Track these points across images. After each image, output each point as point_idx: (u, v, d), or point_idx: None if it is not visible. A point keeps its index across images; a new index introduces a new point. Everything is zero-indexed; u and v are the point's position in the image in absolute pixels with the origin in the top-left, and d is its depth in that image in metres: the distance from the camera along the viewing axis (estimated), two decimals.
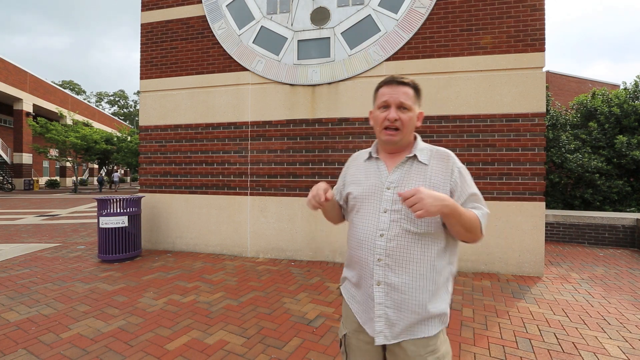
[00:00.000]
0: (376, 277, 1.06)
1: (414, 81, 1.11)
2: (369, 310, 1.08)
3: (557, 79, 17.85)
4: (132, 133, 26.52)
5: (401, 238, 1.04)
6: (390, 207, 1.07)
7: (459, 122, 4.28)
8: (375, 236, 1.07)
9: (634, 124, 7.07)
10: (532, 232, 4.07)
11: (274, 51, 4.83)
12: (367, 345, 1.12)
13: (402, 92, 1.07)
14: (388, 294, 1.05)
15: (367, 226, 1.10)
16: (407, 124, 1.08)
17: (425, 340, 1.05)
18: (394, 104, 1.07)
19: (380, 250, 1.05)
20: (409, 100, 1.07)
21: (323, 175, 4.69)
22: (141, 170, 5.48)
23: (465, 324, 2.76)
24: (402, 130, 1.08)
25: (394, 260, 1.04)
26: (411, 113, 1.08)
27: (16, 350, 2.31)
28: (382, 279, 1.05)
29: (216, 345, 2.41)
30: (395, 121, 1.07)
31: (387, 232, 1.06)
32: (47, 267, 4.29)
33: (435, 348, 1.05)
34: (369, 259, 1.08)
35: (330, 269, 4.32)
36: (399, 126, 1.07)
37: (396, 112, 1.07)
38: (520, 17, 4.12)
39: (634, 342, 2.47)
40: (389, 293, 1.05)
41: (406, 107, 1.07)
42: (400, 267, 1.04)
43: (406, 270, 1.04)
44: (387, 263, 1.05)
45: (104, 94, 63.90)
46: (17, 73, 23.24)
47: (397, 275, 1.04)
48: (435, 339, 1.06)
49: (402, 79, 1.09)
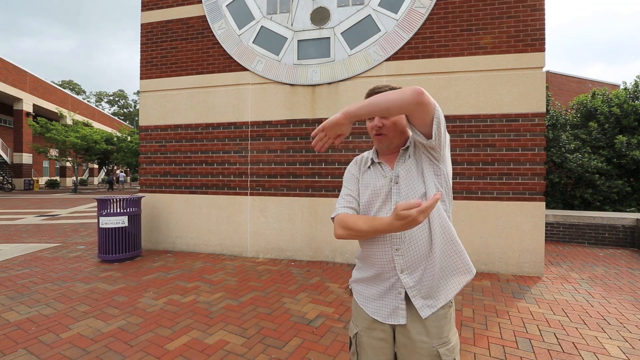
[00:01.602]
0: (399, 267, 1.10)
1: (394, 86, 1.15)
2: (394, 301, 1.12)
3: (557, 79, 17.85)
4: (132, 133, 26.52)
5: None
6: (399, 198, 1.13)
7: (459, 122, 4.28)
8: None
9: (634, 124, 7.07)
10: (532, 232, 4.07)
11: (274, 51, 4.83)
12: (380, 342, 1.15)
13: None
14: (415, 277, 1.10)
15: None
16: (391, 128, 1.16)
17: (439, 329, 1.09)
18: None
19: (396, 240, 1.10)
20: None
21: (323, 175, 4.69)
22: (141, 170, 5.48)
23: (465, 324, 2.76)
24: (389, 135, 1.17)
25: (411, 245, 1.09)
26: (394, 117, 1.15)
27: (16, 350, 2.31)
28: (404, 266, 1.10)
29: (216, 345, 2.41)
30: (380, 128, 1.16)
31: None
32: (47, 267, 4.29)
33: (448, 340, 1.10)
34: (387, 251, 1.12)
35: (330, 269, 4.32)
36: (385, 132, 1.17)
37: (379, 120, 1.15)
38: (520, 17, 4.12)
39: (634, 342, 2.47)
40: (416, 275, 1.10)
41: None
42: (418, 247, 1.09)
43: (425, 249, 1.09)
44: (405, 250, 1.09)
45: (103, 94, 63.86)
46: (17, 73, 23.23)
47: (418, 257, 1.10)
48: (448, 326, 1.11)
49: (379, 88, 1.15)
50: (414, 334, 1.09)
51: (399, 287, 1.11)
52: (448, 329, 1.12)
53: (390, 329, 1.15)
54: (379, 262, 1.14)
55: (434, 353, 1.07)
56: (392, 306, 1.13)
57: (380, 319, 1.14)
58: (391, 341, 1.15)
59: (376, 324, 1.15)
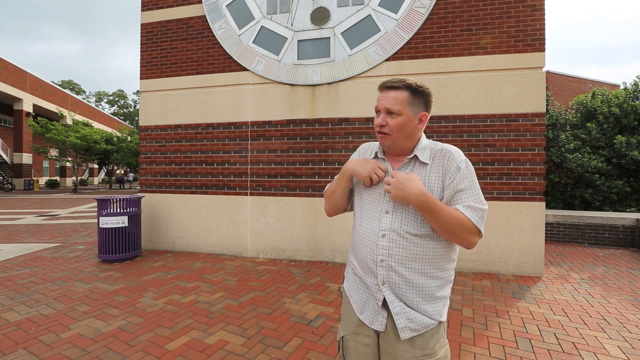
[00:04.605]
0: (380, 278, 1.07)
1: (411, 83, 1.06)
2: (373, 307, 1.10)
3: (557, 79, 17.85)
4: (132, 133, 26.51)
5: (403, 239, 1.04)
6: (392, 208, 1.07)
7: (459, 122, 4.28)
8: (377, 236, 1.08)
9: (634, 124, 7.07)
10: (532, 232, 4.07)
11: (274, 51, 4.83)
12: (364, 348, 1.12)
13: (391, 97, 1.05)
14: (395, 292, 1.06)
15: (370, 226, 1.11)
16: (394, 129, 1.06)
17: (424, 340, 1.04)
18: (382, 109, 1.08)
19: (382, 251, 1.06)
20: (398, 105, 1.04)
21: (323, 175, 4.69)
22: (141, 170, 5.48)
23: (465, 324, 2.76)
24: (392, 135, 1.07)
25: (396, 261, 1.05)
26: (401, 118, 1.05)
27: (16, 350, 2.31)
28: (386, 279, 1.06)
29: (216, 345, 2.41)
30: (382, 127, 1.07)
31: (388, 232, 1.06)
32: (47, 267, 4.29)
33: (433, 352, 1.04)
34: (371, 259, 1.09)
35: (330, 269, 4.31)
36: (387, 131, 1.07)
37: (384, 117, 1.07)
38: (520, 17, 4.12)
39: (634, 342, 2.47)
40: (396, 291, 1.06)
41: (394, 112, 1.05)
42: (403, 266, 1.04)
43: (409, 269, 1.04)
44: (389, 264, 1.05)
45: (103, 94, 63.83)
46: (17, 73, 23.22)
47: (400, 276, 1.05)
48: (435, 338, 1.06)
49: (393, 83, 1.06)
50: (397, 342, 1.05)
51: (378, 296, 1.08)
52: (435, 341, 1.05)
53: (375, 335, 1.12)
54: (362, 265, 1.13)
55: None
56: (373, 311, 1.10)
57: (367, 322, 1.11)
58: (376, 348, 1.12)
59: (362, 328, 1.12)
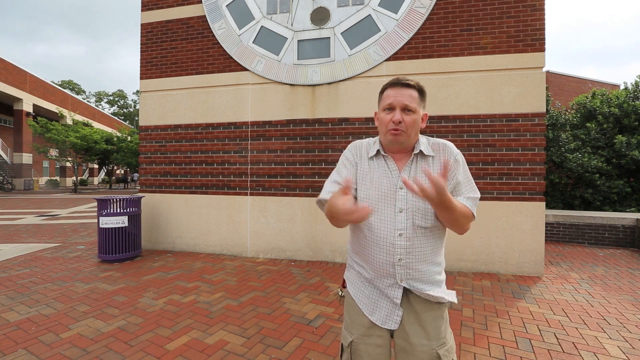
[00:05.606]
0: (398, 277, 1.10)
1: (419, 83, 1.13)
2: (390, 306, 1.12)
3: (557, 79, 17.85)
4: (132, 133, 26.50)
5: (417, 235, 1.08)
6: (405, 206, 1.09)
7: (459, 122, 4.28)
8: (394, 236, 1.08)
9: (634, 124, 7.07)
10: (532, 232, 4.07)
11: (274, 51, 4.83)
12: (377, 349, 1.12)
13: (407, 94, 1.08)
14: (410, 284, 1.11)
15: (384, 227, 1.09)
16: (410, 126, 1.09)
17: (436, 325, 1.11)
18: (399, 106, 1.08)
19: (400, 250, 1.08)
20: (414, 102, 1.08)
21: (323, 175, 4.68)
22: (141, 170, 5.48)
23: (465, 324, 2.76)
24: (407, 132, 1.09)
25: (413, 257, 1.08)
26: (415, 115, 1.09)
27: (16, 350, 2.31)
28: (404, 277, 1.09)
29: (216, 345, 2.41)
30: (399, 123, 1.08)
31: (405, 231, 1.08)
32: (47, 267, 4.29)
33: (445, 340, 1.11)
34: (387, 261, 1.09)
35: (330, 269, 4.31)
36: (403, 128, 1.08)
37: (400, 114, 1.08)
38: (520, 17, 4.12)
39: (634, 342, 2.47)
40: (411, 283, 1.11)
41: (411, 109, 1.08)
42: (419, 260, 1.09)
43: (423, 261, 1.10)
44: (407, 261, 1.08)
45: (103, 94, 63.80)
46: (17, 73, 23.21)
47: (416, 270, 1.10)
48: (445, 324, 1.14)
49: (407, 81, 1.10)
50: (414, 337, 1.08)
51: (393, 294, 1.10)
52: (445, 329, 1.13)
53: (388, 334, 1.12)
54: (375, 268, 1.12)
55: (434, 355, 1.06)
56: (387, 310, 1.11)
57: (379, 323, 1.12)
58: (388, 347, 1.13)
59: (373, 329, 1.12)
